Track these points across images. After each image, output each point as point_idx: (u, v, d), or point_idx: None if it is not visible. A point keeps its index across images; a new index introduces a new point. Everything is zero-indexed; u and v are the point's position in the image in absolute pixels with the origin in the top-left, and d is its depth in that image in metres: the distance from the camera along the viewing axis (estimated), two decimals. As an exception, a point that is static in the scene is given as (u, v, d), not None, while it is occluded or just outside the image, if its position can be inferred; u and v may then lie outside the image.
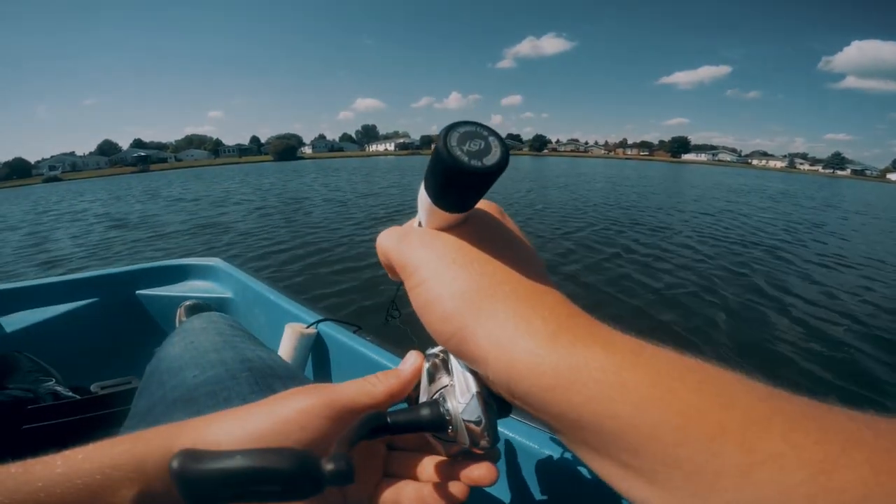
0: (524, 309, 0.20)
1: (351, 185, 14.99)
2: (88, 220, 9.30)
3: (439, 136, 0.19)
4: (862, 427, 0.13)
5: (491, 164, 0.18)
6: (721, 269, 4.49)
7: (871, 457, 0.12)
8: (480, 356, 0.21)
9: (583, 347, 0.18)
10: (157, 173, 48.56)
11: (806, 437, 0.13)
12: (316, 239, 5.63)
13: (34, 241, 7.06)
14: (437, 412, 0.25)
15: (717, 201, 11.71)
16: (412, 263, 0.24)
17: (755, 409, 0.15)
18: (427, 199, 0.22)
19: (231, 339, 0.55)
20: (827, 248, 6.08)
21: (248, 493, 0.18)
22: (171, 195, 13.89)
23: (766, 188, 20.14)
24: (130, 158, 76.28)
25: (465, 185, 0.20)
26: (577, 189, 13.43)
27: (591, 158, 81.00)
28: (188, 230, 6.86)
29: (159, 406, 0.44)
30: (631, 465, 0.17)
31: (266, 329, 1.01)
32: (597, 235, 5.96)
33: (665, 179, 21.91)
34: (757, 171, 63.46)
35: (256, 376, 0.46)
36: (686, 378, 0.16)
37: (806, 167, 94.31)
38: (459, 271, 0.22)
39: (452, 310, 0.21)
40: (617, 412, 0.16)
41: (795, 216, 9.63)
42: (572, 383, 0.18)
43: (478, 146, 0.19)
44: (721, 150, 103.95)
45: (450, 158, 0.18)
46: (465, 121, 0.20)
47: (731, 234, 6.60)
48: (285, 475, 0.17)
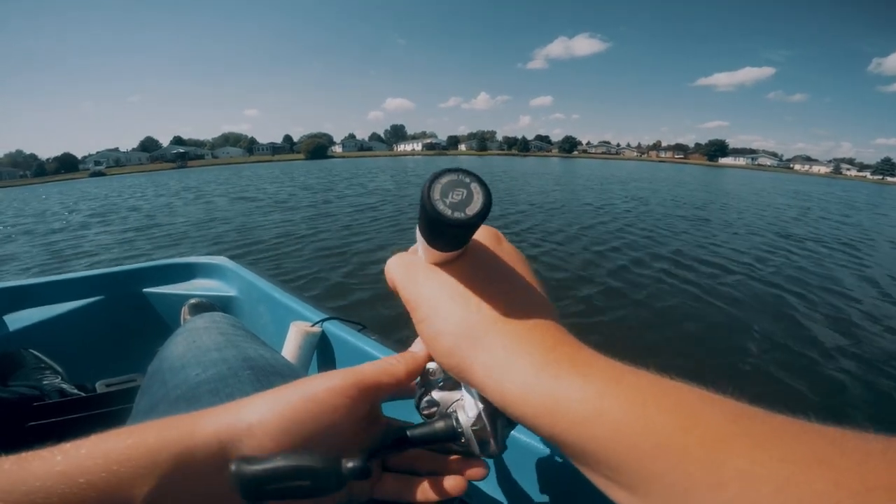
0: (513, 345, 0.22)
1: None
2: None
3: (424, 185, 0.20)
4: (828, 445, 0.14)
5: (472, 215, 0.20)
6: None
7: (834, 475, 0.13)
8: (479, 385, 0.23)
9: (566, 377, 0.20)
10: (196, 169, 50.50)
11: (770, 455, 0.14)
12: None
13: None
14: (450, 425, 0.28)
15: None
16: (414, 300, 0.26)
17: (723, 430, 0.16)
18: (423, 240, 0.24)
19: (233, 338, 0.54)
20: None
21: (286, 488, 0.22)
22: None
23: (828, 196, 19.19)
24: (170, 155, 79.56)
25: (451, 234, 0.21)
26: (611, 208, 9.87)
27: (623, 161, 79.34)
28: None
29: (162, 404, 0.43)
30: (616, 480, 0.18)
31: (271, 327, 1.01)
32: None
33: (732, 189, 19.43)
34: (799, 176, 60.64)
35: (258, 374, 0.46)
36: (660, 402, 0.18)
37: (853, 173, 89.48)
38: (456, 309, 0.24)
39: (452, 345, 0.24)
40: (596, 434, 0.18)
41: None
42: (556, 411, 0.20)
43: (460, 196, 0.20)
44: (761, 153, 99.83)
45: (433, 212, 0.20)
46: (449, 169, 0.21)
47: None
48: (315, 471, 0.22)
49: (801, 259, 5.28)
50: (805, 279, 4.39)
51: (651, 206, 9.86)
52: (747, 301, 3.67)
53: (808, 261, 5.22)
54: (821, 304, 3.70)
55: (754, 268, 4.69)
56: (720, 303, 3.58)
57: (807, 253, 5.69)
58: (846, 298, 3.89)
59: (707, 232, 6.81)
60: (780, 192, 18.69)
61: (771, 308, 3.54)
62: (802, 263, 5.07)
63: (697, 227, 7.31)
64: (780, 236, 6.81)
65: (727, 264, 4.76)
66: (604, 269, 4.41)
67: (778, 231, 7.33)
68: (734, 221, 8.26)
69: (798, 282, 4.27)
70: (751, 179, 32.22)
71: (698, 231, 6.86)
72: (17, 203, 17.45)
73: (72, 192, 22.36)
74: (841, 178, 77.22)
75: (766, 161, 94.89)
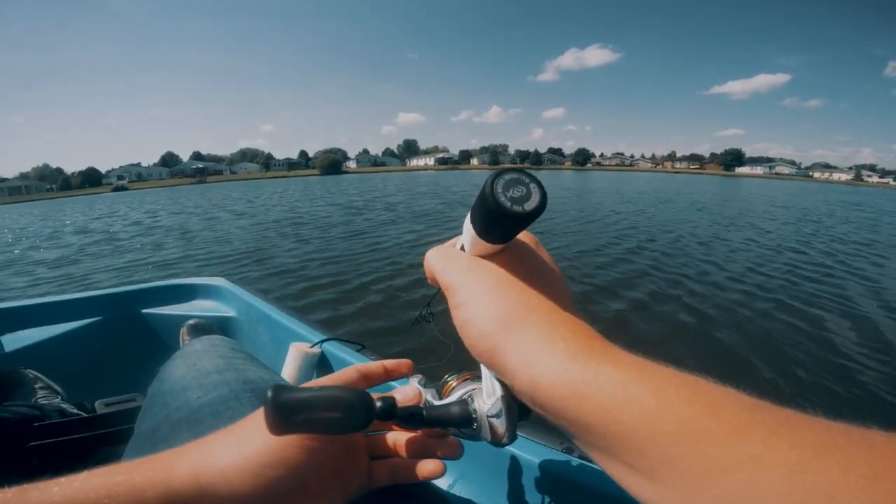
0: (549, 332, 0.24)
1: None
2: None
3: (487, 181, 0.22)
4: (836, 435, 0.15)
5: (530, 210, 0.21)
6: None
7: (840, 460, 0.14)
8: (509, 369, 0.24)
9: (596, 365, 0.21)
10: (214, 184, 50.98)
11: (782, 442, 0.16)
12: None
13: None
14: (465, 410, 0.30)
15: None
16: (455, 286, 0.27)
17: (739, 418, 0.17)
18: (472, 230, 0.25)
19: (233, 361, 0.55)
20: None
21: (317, 419, 0.23)
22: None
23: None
24: (189, 170, 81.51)
25: (507, 225, 0.23)
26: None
27: (638, 172, 78.64)
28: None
29: (164, 426, 0.44)
30: (634, 464, 0.19)
31: (270, 347, 1.01)
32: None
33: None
34: (819, 184, 59.09)
35: (259, 397, 0.46)
36: (681, 391, 0.19)
37: (874, 179, 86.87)
38: (496, 297, 0.25)
39: (488, 330, 0.25)
40: (621, 418, 0.19)
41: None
42: (585, 394, 0.21)
43: (520, 192, 0.22)
44: (778, 162, 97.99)
45: (494, 203, 0.21)
46: (511, 167, 0.23)
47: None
48: (347, 402, 0.24)
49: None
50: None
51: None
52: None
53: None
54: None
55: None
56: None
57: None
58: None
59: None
60: (840, 205, 16.36)
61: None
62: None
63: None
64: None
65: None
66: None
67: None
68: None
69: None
70: (797, 190, 29.61)
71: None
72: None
73: (137, 204, 21.27)
74: (863, 185, 74.85)
75: (784, 169, 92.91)
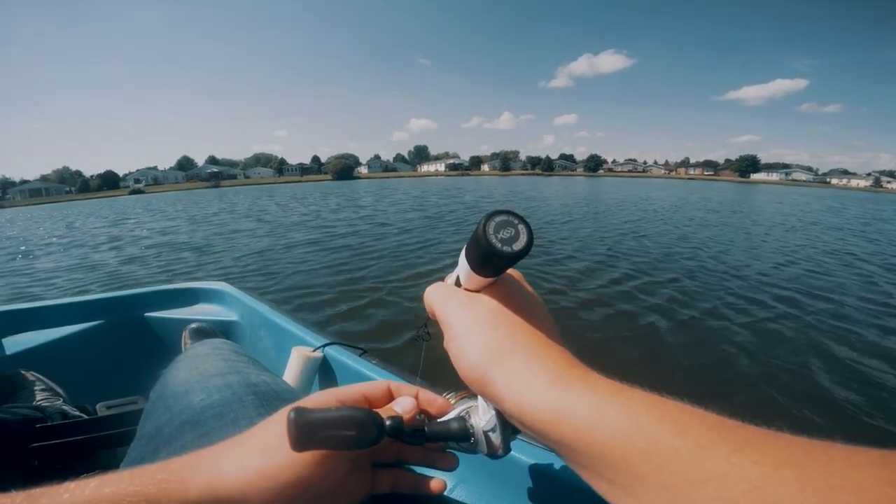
0: (533, 362, 0.26)
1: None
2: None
3: (480, 222, 0.25)
4: (797, 451, 0.16)
5: (518, 250, 0.24)
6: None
7: (799, 475, 0.15)
8: (498, 396, 0.27)
9: (574, 391, 0.24)
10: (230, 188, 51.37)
11: (744, 458, 0.17)
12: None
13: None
14: (463, 426, 0.32)
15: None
16: (450, 321, 0.30)
17: (704, 436, 0.19)
18: (467, 265, 0.28)
19: (235, 364, 0.55)
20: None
21: (334, 436, 0.26)
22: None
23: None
24: (204, 174, 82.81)
25: (498, 263, 0.26)
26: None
27: (652, 179, 77.79)
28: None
29: (167, 429, 0.44)
30: (614, 480, 0.21)
31: (272, 352, 1.01)
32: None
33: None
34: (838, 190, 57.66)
35: (262, 399, 0.47)
36: (650, 413, 0.21)
37: (894, 185, 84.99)
38: (486, 331, 0.28)
39: (478, 362, 0.27)
40: (598, 438, 0.21)
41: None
42: (564, 417, 0.23)
43: (509, 234, 0.24)
44: (795, 168, 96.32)
45: (486, 243, 0.24)
46: (501, 210, 0.25)
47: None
48: (361, 421, 0.27)
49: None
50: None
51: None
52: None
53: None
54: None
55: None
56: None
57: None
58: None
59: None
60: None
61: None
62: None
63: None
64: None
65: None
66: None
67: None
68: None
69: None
70: (846, 200, 26.75)
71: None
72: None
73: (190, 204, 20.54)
74: (882, 191, 73.21)
75: (800, 176, 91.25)
